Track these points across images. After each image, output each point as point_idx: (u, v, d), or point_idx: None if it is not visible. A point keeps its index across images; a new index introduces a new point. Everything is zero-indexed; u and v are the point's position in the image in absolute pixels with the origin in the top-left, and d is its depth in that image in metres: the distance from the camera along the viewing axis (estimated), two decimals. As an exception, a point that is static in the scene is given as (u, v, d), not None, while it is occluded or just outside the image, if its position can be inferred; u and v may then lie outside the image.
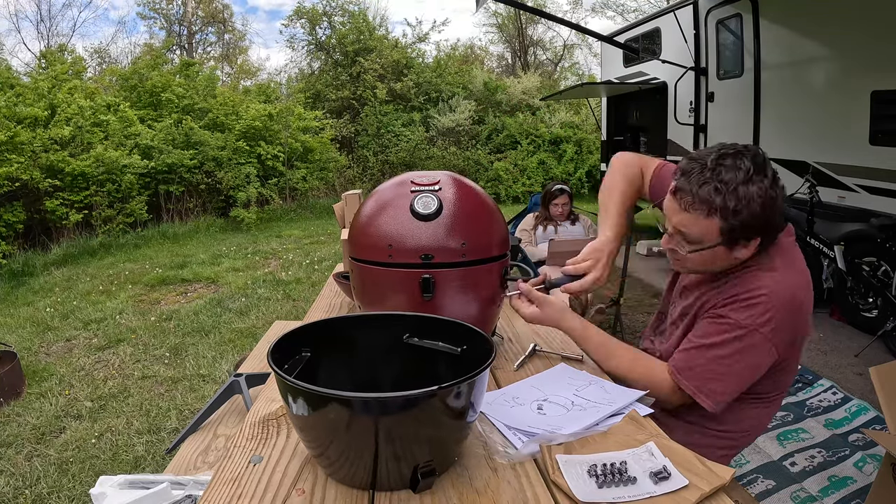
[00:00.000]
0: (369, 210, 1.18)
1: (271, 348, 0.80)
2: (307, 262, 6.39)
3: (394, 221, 1.13)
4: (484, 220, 1.20)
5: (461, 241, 1.12)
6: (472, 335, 0.89)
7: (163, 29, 17.69)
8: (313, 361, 0.89)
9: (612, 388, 1.09)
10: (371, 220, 1.16)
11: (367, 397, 0.70)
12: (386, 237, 1.12)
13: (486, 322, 1.24)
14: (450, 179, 1.20)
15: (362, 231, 1.17)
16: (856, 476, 2.17)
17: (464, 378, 0.71)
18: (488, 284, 1.19)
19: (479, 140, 13.07)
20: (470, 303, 1.17)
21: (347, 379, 0.92)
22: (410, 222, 1.12)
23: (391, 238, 1.11)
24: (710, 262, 1.17)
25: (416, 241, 1.11)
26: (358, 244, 1.18)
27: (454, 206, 1.15)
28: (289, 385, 0.72)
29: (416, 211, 1.11)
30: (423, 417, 0.72)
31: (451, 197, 1.16)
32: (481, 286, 1.18)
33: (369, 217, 1.17)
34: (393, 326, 0.95)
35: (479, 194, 1.23)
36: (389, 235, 1.12)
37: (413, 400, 0.70)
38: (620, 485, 0.77)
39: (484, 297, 1.20)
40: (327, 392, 0.69)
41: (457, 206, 1.15)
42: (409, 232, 1.11)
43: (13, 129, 6.74)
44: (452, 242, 1.12)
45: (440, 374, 0.89)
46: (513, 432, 0.92)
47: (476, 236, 1.15)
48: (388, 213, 1.14)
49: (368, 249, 1.15)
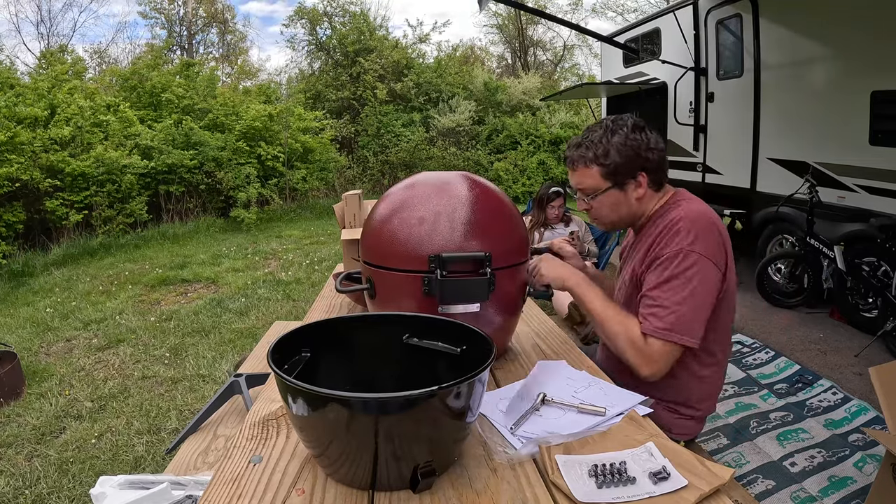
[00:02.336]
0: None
1: (271, 349, 0.80)
2: (307, 262, 6.39)
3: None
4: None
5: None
6: (472, 335, 0.88)
7: (164, 29, 17.70)
8: (313, 362, 0.89)
9: (611, 391, 1.08)
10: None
11: (366, 398, 0.70)
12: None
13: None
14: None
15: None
16: (856, 476, 2.16)
17: (464, 378, 0.71)
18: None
19: (479, 140, 13.07)
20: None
21: (347, 379, 0.92)
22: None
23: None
24: (617, 209, 1.36)
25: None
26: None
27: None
28: (289, 385, 0.72)
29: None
30: (423, 418, 0.73)
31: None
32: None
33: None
34: (393, 327, 0.95)
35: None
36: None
37: (413, 400, 0.70)
38: (620, 485, 0.77)
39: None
40: (327, 392, 0.69)
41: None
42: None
43: (13, 129, 6.74)
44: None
45: (440, 374, 0.89)
46: (511, 432, 0.92)
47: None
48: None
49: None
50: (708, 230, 1.24)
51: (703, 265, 1.21)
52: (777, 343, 3.56)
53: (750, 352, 3.41)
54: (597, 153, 1.31)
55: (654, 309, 1.22)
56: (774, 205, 4.43)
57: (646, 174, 1.33)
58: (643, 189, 1.34)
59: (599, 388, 1.09)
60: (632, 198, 1.34)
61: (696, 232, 1.23)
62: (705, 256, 1.21)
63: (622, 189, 1.33)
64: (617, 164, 1.30)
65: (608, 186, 1.33)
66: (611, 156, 1.30)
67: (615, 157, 1.30)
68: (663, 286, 1.22)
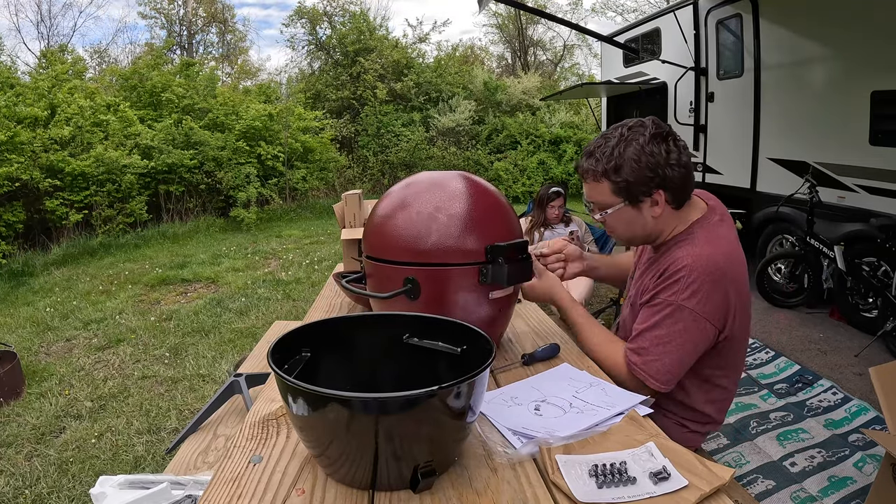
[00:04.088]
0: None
1: (271, 348, 0.80)
2: (307, 262, 6.39)
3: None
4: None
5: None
6: (472, 335, 0.89)
7: (164, 29, 17.70)
8: (313, 362, 0.89)
9: (612, 391, 1.08)
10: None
11: (366, 397, 0.70)
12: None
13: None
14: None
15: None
16: (856, 476, 2.17)
17: (464, 378, 0.71)
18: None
19: (479, 140, 13.07)
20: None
21: (347, 379, 0.92)
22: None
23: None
24: (631, 227, 1.26)
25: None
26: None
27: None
28: (289, 385, 0.71)
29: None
30: (423, 417, 0.72)
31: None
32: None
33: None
34: (393, 326, 0.95)
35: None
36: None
37: (413, 400, 0.70)
38: (620, 485, 0.77)
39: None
40: (327, 392, 0.69)
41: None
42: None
43: (13, 128, 6.74)
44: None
45: (440, 374, 0.89)
46: (511, 433, 0.92)
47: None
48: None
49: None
50: (712, 286, 1.16)
51: (694, 324, 1.17)
52: (777, 343, 3.56)
53: (750, 352, 3.41)
54: (607, 167, 1.19)
55: (639, 345, 1.22)
56: (774, 205, 4.43)
57: (664, 192, 1.20)
58: (660, 208, 1.21)
59: (601, 388, 1.09)
60: (647, 216, 1.23)
61: (697, 287, 1.15)
62: (700, 315, 1.16)
63: (636, 206, 1.22)
64: (629, 181, 1.18)
65: (620, 203, 1.22)
66: (623, 172, 1.18)
67: (627, 173, 1.18)
68: (652, 331, 1.20)
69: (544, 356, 1.25)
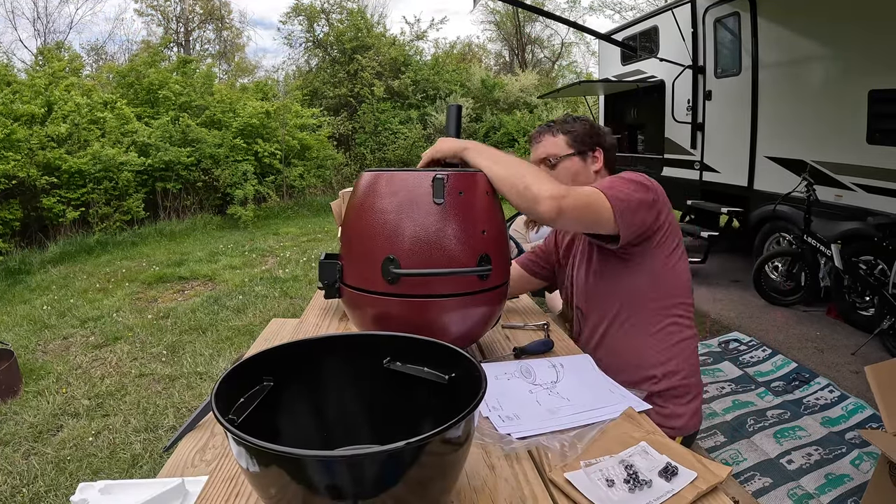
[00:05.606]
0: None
1: (215, 390, 0.64)
2: (304, 259, 6.38)
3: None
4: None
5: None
6: (457, 359, 0.76)
7: (160, 26, 17.65)
8: (276, 391, 0.76)
9: (615, 389, 1.08)
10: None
11: (326, 457, 0.57)
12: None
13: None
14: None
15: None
16: (852, 474, 2.17)
17: (442, 428, 0.57)
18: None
19: (476, 138, 13.06)
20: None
21: (314, 412, 0.80)
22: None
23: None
24: (576, 177, 1.47)
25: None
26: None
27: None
28: (235, 438, 0.55)
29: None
30: (402, 474, 0.58)
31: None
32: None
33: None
34: (370, 349, 0.82)
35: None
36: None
37: (389, 455, 0.55)
38: (645, 487, 0.75)
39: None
40: (278, 449, 0.53)
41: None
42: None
43: (10, 126, 6.72)
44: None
45: (420, 402, 0.79)
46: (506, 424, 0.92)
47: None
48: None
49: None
50: (630, 183, 1.24)
51: (634, 182, 1.25)
52: (774, 341, 3.57)
53: (747, 349, 3.42)
54: (563, 126, 1.51)
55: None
56: (772, 203, 4.44)
57: (602, 151, 1.50)
58: (599, 164, 1.49)
59: (599, 386, 1.09)
60: (591, 169, 1.49)
61: (616, 181, 1.25)
62: (633, 181, 1.25)
63: (583, 158, 1.49)
64: (580, 133, 1.49)
65: (571, 153, 1.48)
66: (575, 128, 1.50)
67: (578, 129, 1.50)
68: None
69: (536, 350, 1.25)
